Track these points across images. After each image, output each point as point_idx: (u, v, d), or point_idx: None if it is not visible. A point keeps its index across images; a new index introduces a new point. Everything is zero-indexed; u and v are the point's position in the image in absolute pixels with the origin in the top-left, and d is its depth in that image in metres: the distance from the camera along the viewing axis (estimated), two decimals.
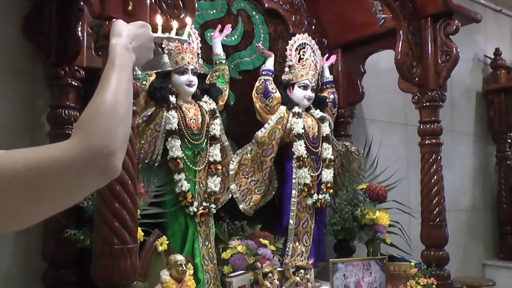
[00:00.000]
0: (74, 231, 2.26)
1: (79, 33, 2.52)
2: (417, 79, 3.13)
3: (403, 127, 4.47)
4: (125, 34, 1.30)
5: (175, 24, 1.76)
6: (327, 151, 3.32)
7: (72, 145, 0.96)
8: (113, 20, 1.39)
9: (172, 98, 2.72)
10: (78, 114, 2.55)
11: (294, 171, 3.18)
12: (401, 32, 3.06)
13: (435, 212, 3.13)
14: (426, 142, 3.19)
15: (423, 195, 3.19)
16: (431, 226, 3.14)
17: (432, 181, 3.15)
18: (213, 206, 2.82)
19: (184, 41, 1.80)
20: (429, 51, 3.14)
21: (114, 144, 0.99)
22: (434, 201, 3.14)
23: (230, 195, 3.05)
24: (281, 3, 3.51)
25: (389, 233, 3.31)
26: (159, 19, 1.71)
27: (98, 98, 1.06)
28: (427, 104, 3.17)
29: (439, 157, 3.18)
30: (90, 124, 1.00)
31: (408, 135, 4.38)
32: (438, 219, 3.13)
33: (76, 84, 2.55)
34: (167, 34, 1.64)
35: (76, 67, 2.53)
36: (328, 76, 3.54)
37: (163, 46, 2.77)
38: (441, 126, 3.20)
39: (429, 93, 3.14)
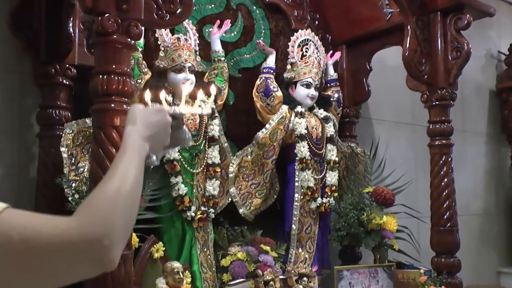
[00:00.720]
0: None
1: (70, 29, 2.52)
2: (426, 77, 3.13)
3: (411, 127, 4.47)
4: (140, 121, 1.32)
5: (200, 95, 1.76)
6: (332, 153, 3.32)
7: (73, 225, 0.96)
8: (131, 105, 1.37)
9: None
10: (69, 114, 2.56)
11: (297, 173, 3.19)
12: (409, 27, 3.06)
13: (445, 216, 3.13)
14: (436, 143, 3.19)
15: (433, 199, 3.19)
16: (441, 231, 3.14)
17: (442, 184, 3.15)
18: (212, 210, 2.82)
19: (207, 113, 1.76)
20: (439, 48, 3.14)
21: (114, 234, 0.99)
22: (445, 205, 3.14)
23: (229, 199, 3.05)
24: None
25: (397, 239, 3.31)
26: (146, 95, 1.66)
27: (105, 183, 1.08)
28: (437, 103, 3.17)
29: (449, 159, 3.18)
30: (94, 208, 1.01)
31: (416, 136, 4.37)
32: (448, 224, 3.13)
33: (67, 83, 2.56)
34: (183, 110, 1.59)
35: (67, 65, 2.54)
36: (332, 74, 3.54)
37: (158, 42, 2.78)
38: (451, 126, 3.20)
39: (439, 92, 3.14)
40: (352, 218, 3.19)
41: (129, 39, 1.94)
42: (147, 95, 1.67)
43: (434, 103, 3.18)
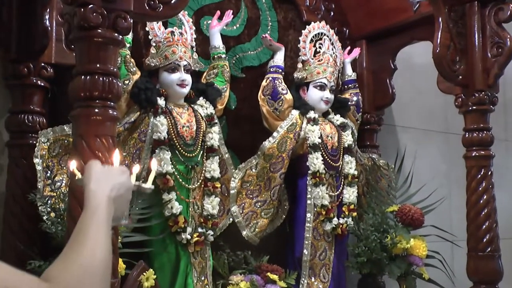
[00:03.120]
0: (38, 263, 2.26)
1: (47, 22, 2.54)
2: (460, 77, 3.13)
3: (443, 136, 4.47)
4: (103, 180, 1.35)
5: (154, 166, 1.79)
6: (350, 166, 3.32)
7: None
8: (88, 162, 1.42)
9: (161, 101, 2.74)
10: (44, 120, 2.57)
11: (309, 189, 3.19)
12: (440, 19, 3.07)
13: (485, 240, 3.12)
14: (473, 154, 3.19)
15: (470, 219, 3.18)
16: (480, 257, 3.12)
17: (481, 201, 3.14)
18: (211, 232, 2.83)
19: (150, 191, 1.78)
20: (476, 43, 3.14)
21: None
22: (484, 226, 3.13)
23: (231, 220, 3.06)
24: None
25: (427, 266, 3.31)
26: (154, 164, 1.73)
27: (74, 252, 1.13)
28: (474, 107, 3.17)
29: (489, 173, 3.17)
30: (66, 277, 1.06)
31: (450, 146, 4.37)
32: (489, 249, 3.12)
33: (42, 84, 2.58)
34: (140, 182, 1.64)
35: (42, 64, 2.56)
36: (350, 73, 3.56)
37: (149, 37, 2.80)
38: (491, 135, 3.20)
39: (476, 95, 3.14)
40: (373, 242, 3.18)
41: (116, 34, 1.96)
42: (135, 169, 1.68)
43: (470, 108, 3.17)
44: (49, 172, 2.45)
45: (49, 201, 2.37)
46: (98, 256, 1.13)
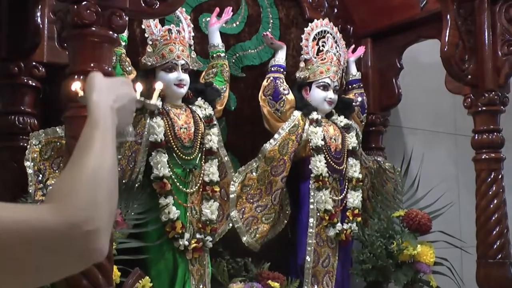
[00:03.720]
0: None
1: (38, 20, 2.54)
2: (470, 77, 3.13)
3: (452, 137, 4.47)
4: (106, 90, 1.33)
5: (158, 85, 1.78)
6: (354, 169, 3.32)
7: (48, 212, 0.97)
8: (89, 72, 1.41)
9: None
10: (35, 121, 2.56)
11: (312, 194, 3.19)
12: (448, 16, 3.07)
13: (495, 246, 3.12)
14: (483, 157, 3.19)
15: (480, 225, 3.18)
16: (490, 264, 3.12)
17: (491, 206, 3.14)
18: (209, 238, 2.82)
19: (155, 107, 1.77)
20: (486, 41, 3.14)
21: (99, 219, 1.01)
22: (494, 232, 3.13)
23: (230, 225, 3.06)
24: None
25: (435, 274, 3.31)
26: (139, 87, 1.71)
27: (80, 163, 1.09)
28: (484, 108, 3.17)
29: (499, 176, 3.17)
30: (72, 192, 1.02)
31: (458, 148, 4.37)
32: (499, 256, 3.12)
33: (33, 84, 2.57)
34: (144, 98, 1.64)
35: (34, 63, 2.56)
36: (354, 73, 3.56)
37: (146, 35, 2.80)
38: (502, 137, 3.20)
39: (486, 95, 3.14)
40: (379, 248, 3.18)
41: (111, 32, 1.96)
42: (139, 86, 1.68)
43: (480, 109, 3.18)
44: (40, 175, 2.45)
45: None
46: (107, 163, 1.10)
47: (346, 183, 3.32)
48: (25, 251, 0.93)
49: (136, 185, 2.65)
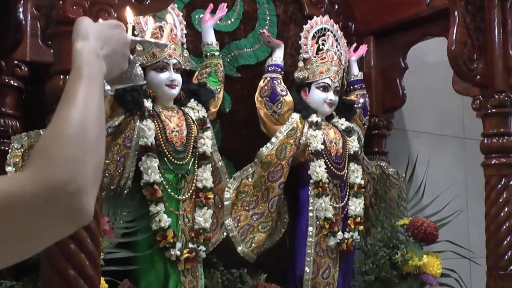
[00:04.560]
0: (10, 283, 2.25)
1: (21, 16, 2.53)
2: (478, 77, 3.13)
3: (460, 141, 4.47)
4: (93, 36, 1.31)
5: (150, 22, 1.77)
6: (356, 174, 3.33)
7: (28, 177, 0.96)
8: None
9: (148, 103, 2.73)
10: (17, 124, 2.56)
11: (311, 201, 3.19)
12: (456, 13, 3.07)
13: (506, 257, 3.12)
14: (493, 162, 3.19)
15: (489, 234, 3.18)
16: (501, 276, 3.12)
17: (502, 214, 3.14)
18: (203, 248, 2.82)
19: (164, 45, 1.78)
20: (496, 39, 3.15)
21: (83, 177, 1.00)
22: (505, 242, 3.13)
23: (225, 234, 3.06)
24: None
25: (442, 286, 3.31)
26: (129, 13, 1.71)
27: (61, 117, 1.07)
28: (494, 110, 3.17)
29: (510, 182, 3.17)
30: (51, 150, 1.01)
31: (467, 153, 4.38)
32: (511, 267, 3.12)
33: (15, 84, 2.57)
34: (142, 38, 1.64)
35: (15, 62, 2.55)
36: (356, 73, 3.56)
37: (135, 33, 2.79)
38: None
39: (496, 96, 3.14)
40: (382, 259, 3.18)
41: None
42: (129, 12, 1.68)
43: (489, 111, 3.18)
44: None
45: None
46: (91, 115, 1.09)
47: (348, 190, 3.32)
48: (8, 220, 0.93)
49: (125, 191, 2.65)
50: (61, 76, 1.92)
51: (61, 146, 1.01)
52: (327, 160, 3.22)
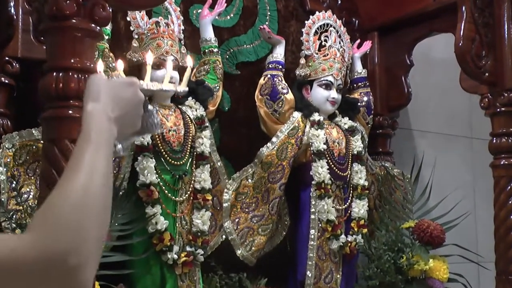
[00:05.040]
0: None
1: (12, 10, 2.53)
2: (487, 74, 3.13)
3: (467, 141, 4.48)
4: (105, 97, 1.31)
5: (169, 66, 1.77)
6: (359, 175, 3.32)
7: (27, 242, 0.96)
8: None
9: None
10: (8, 123, 2.55)
11: (313, 202, 3.19)
12: (464, 8, 3.08)
13: None
14: (502, 163, 3.19)
15: (498, 237, 3.19)
16: (510, 281, 3.12)
17: (511, 217, 3.15)
18: (200, 251, 2.82)
19: (183, 92, 1.77)
20: (505, 35, 3.15)
21: (85, 251, 0.99)
22: None
23: (223, 237, 3.05)
24: None
25: None
26: (120, 64, 1.70)
27: (66, 183, 1.07)
28: (503, 109, 3.17)
29: None
30: (53, 217, 1.00)
31: (475, 153, 4.38)
32: None
33: (6, 81, 2.56)
34: (160, 86, 1.61)
35: (6, 58, 2.54)
36: (360, 70, 3.56)
37: (131, 28, 2.79)
38: None
39: (505, 94, 3.15)
40: (387, 263, 3.19)
41: (93, 25, 1.95)
42: (100, 65, 1.67)
43: (498, 110, 3.18)
44: (14, 182, 2.44)
45: (14, 216, 2.36)
46: (97, 183, 1.08)
47: (351, 191, 3.32)
48: (1, 284, 0.92)
49: (121, 193, 2.65)
50: (54, 73, 1.91)
51: (64, 216, 1.01)
52: (329, 161, 3.22)
